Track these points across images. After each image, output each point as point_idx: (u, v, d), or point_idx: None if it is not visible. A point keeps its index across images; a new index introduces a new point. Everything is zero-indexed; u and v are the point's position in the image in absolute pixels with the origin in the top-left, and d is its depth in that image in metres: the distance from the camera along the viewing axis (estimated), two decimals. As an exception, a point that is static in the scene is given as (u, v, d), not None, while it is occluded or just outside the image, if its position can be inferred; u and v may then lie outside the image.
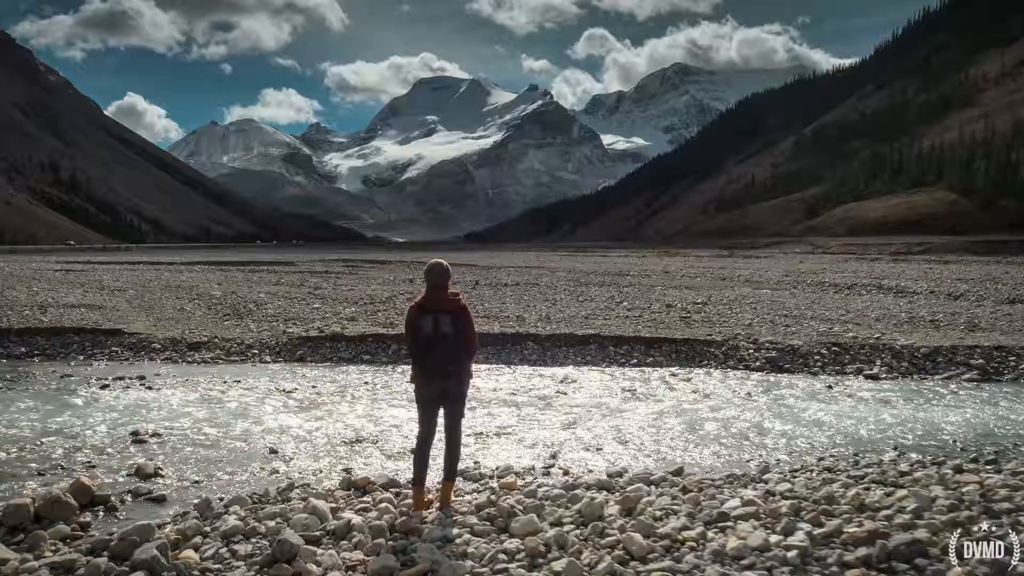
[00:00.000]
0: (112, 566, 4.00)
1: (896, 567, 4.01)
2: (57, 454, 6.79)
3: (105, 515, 5.14)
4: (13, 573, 3.87)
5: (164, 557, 4.03)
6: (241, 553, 4.24)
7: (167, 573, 3.93)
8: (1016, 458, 6.77)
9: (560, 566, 4.01)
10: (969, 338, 13.48)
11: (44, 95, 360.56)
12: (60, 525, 4.67)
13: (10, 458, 6.64)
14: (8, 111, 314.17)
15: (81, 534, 4.67)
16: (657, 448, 7.42)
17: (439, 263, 5.35)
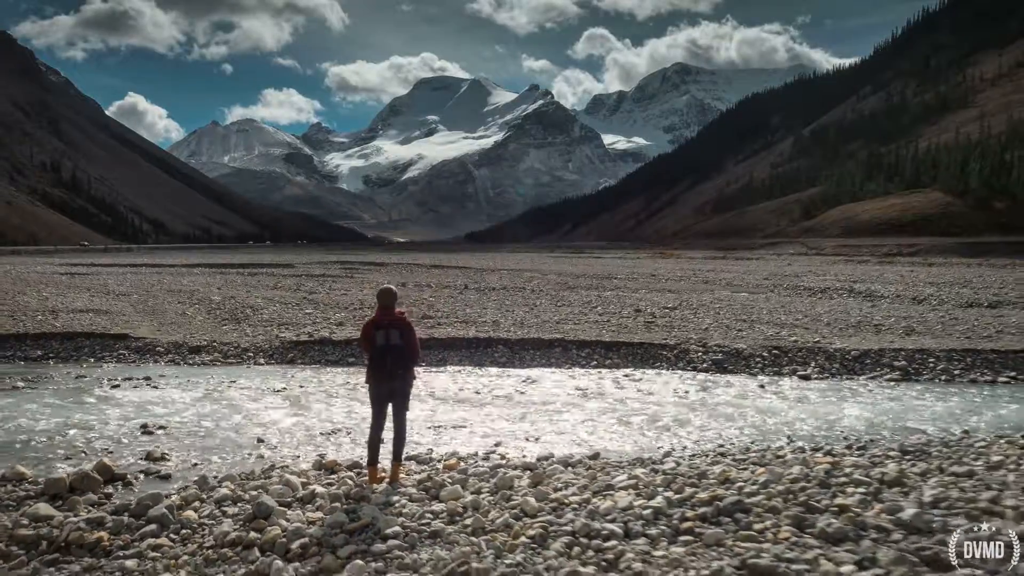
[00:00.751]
0: (132, 520, 5.32)
1: (722, 520, 5.32)
2: (79, 443, 8.10)
3: (123, 488, 6.44)
4: (59, 525, 5.18)
5: (171, 515, 5.34)
6: (229, 513, 5.55)
7: (174, 525, 5.24)
8: (881, 445, 8.06)
9: (470, 520, 5.32)
10: (900, 342, 14.77)
11: (46, 95, 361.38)
12: (89, 494, 5.98)
13: (42, 446, 7.96)
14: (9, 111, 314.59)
15: (105, 501, 5.97)
16: (587, 438, 8.72)
17: (388, 288, 6.63)
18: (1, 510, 5.52)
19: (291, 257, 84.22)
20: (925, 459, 7.38)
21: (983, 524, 5.28)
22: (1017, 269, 48.47)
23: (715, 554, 4.77)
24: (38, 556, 4.80)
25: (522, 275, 43.44)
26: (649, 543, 5.01)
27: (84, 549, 4.90)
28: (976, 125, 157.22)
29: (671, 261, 72.01)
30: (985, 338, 15.32)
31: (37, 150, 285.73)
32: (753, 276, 41.34)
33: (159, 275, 34.60)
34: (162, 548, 4.94)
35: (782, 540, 5.02)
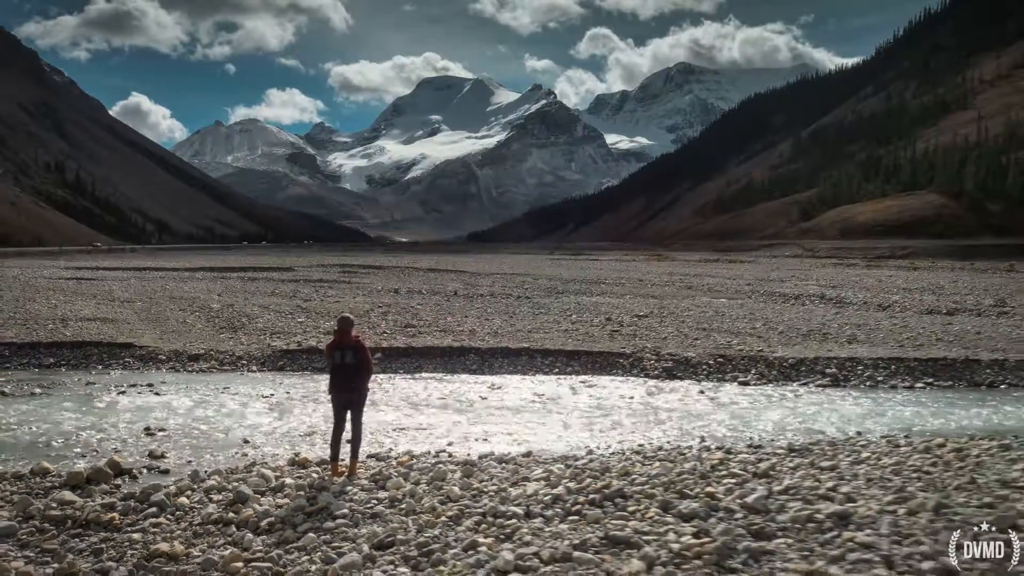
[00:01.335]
0: (137, 504, 6.72)
1: (604, 504, 6.71)
2: (92, 442, 9.52)
3: (130, 480, 7.83)
4: (80, 508, 6.58)
5: (168, 500, 6.74)
6: (215, 499, 6.95)
7: (170, 508, 6.63)
8: (775, 444, 9.44)
9: (407, 504, 6.72)
10: (838, 350, 16.14)
11: (50, 96, 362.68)
12: (103, 484, 7.37)
13: (60, 445, 9.37)
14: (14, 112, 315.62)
15: (116, 490, 7.37)
16: (530, 438, 10.12)
17: (346, 317, 8.04)
18: (34, 497, 6.92)
19: (293, 259, 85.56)
20: (804, 455, 8.77)
21: (820, 505, 6.69)
22: (994, 274, 49.80)
23: (590, 529, 6.15)
24: (65, 531, 6.19)
25: (514, 279, 44.89)
26: (543, 521, 6.39)
27: (100, 526, 6.29)
28: (974, 127, 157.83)
29: (664, 264, 73.35)
30: (918, 346, 16.70)
31: (42, 151, 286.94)
32: (737, 281, 42.66)
33: (162, 281, 36.03)
34: (160, 525, 6.33)
35: (647, 519, 6.40)
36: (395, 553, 5.67)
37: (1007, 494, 7.05)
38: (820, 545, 5.83)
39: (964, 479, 7.65)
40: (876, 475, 7.89)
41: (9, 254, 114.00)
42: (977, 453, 8.88)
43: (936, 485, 7.46)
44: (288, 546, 5.86)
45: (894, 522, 6.22)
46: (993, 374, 14.30)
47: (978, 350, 16.26)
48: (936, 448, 9.15)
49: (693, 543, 5.78)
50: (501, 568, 5.35)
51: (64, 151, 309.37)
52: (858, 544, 5.81)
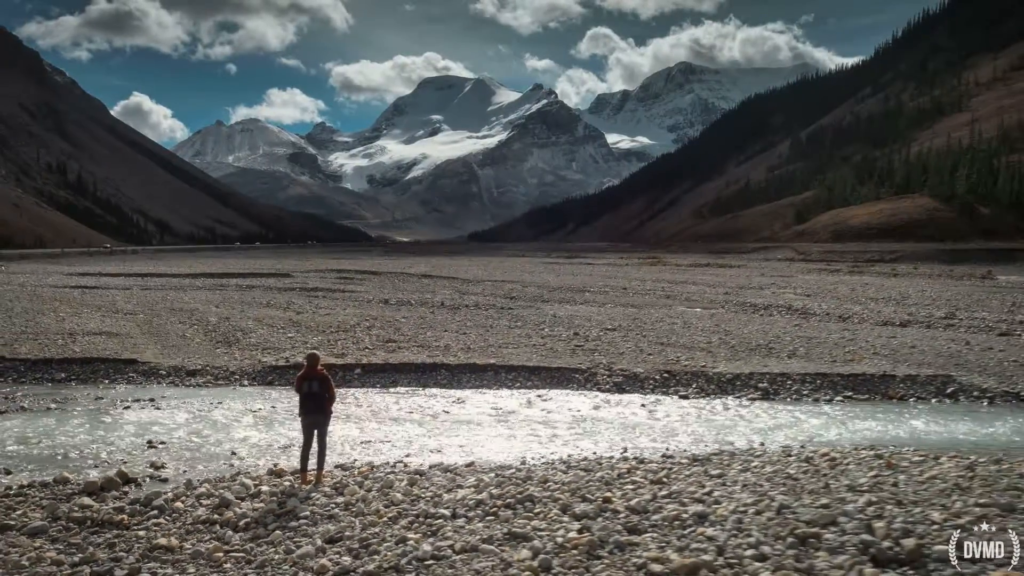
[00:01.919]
0: (142, 508, 8.39)
1: (517, 507, 8.39)
2: (103, 455, 11.20)
3: (135, 488, 9.50)
4: (96, 510, 8.25)
5: (167, 504, 8.42)
6: (204, 504, 8.63)
7: (168, 511, 8.31)
8: (684, 453, 11.09)
9: (358, 507, 8.39)
10: (774, 365, 17.80)
11: (51, 97, 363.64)
12: (113, 491, 9.05)
13: (76, 457, 11.05)
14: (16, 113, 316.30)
15: (124, 496, 9.04)
16: (477, 449, 11.79)
17: (314, 353, 9.72)
18: (59, 502, 8.59)
19: (292, 262, 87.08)
20: (703, 464, 10.44)
21: (691, 507, 8.35)
22: (968, 281, 51.43)
23: (499, 527, 7.82)
24: (85, 529, 7.86)
25: (503, 287, 46.57)
26: (465, 521, 8.07)
27: (112, 525, 7.97)
28: (968, 130, 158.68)
29: (655, 270, 75.00)
30: (848, 361, 18.36)
31: (43, 151, 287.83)
32: (718, 290, 44.30)
33: (163, 292, 37.70)
34: (160, 524, 8.00)
35: (547, 518, 8.08)
36: (341, 546, 7.36)
37: (845, 496, 8.75)
38: (677, 538, 7.50)
39: (819, 484, 9.33)
40: (752, 481, 9.56)
41: (12, 256, 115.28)
42: (848, 462, 10.55)
43: (794, 490, 9.13)
44: (259, 541, 7.54)
45: (739, 520, 7.90)
46: (905, 388, 15.96)
47: (901, 365, 17.90)
48: (817, 458, 10.82)
49: (574, 537, 7.46)
50: (421, 557, 7.03)
51: (66, 151, 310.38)
52: (704, 537, 7.49)
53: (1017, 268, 71.29)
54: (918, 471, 9.95)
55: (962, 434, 13.02)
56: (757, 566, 6.84)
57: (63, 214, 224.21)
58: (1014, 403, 15.14)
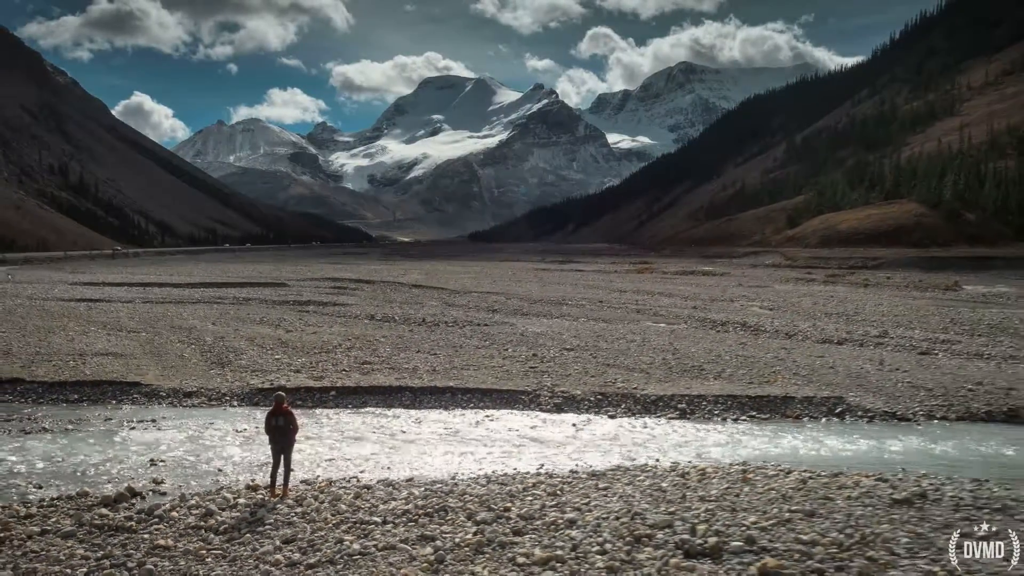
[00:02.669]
0: (146, 516, 10.97)
1: (434, 515, 10.97)
2: (114, 471, 13.77)
3: (141, 500, 12.07)
4: (111, 519, 10.83)
5: (165, 514, 11.01)
6: (194, 513, 11.21)
7: (166, 519, 10.89)
8: (587, 469, 13.64)
9: (311, 516, 10.97)
10: (696, 386, 20.36)
11: (53, 98, 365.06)
12: (123, 503, 11.63)
13: (92, 473, 13.63)
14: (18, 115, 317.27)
15: (132, 507, 11.62)
16: (420, 466, 14.35)
17: (280, 395, 12.28)
18: (83, 511, 11.17)
19: (290, 267, 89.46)
20: (598, 479, 13.00)
21: (570, 515, 10.92)
22: (932, 293, 53.94)
23: (416, 530, 10.40)
24: (103, 533, 10.44)
25: (487, 299, 49.12)
26: (392, 526, 10.65)
27: (124, 530, 10.54)
28: (957, 135, 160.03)
29: (641, 278, 77.53)
30: (765, 382, 20.92)
31: (45, 153, 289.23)
32: (689, 302, 46.78)
33: (163, 306, 40.26)
34: (160, 529, 10.58)
35: (455, 524, 10.66)
36: (294, 545, 9.95)
37: (692, 504, 11.33)
38: (547, 538, 10.09)
39: (679, 495, 11.91)
40: (628, 493, 12.14)
41: (16, 260, 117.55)
42: (716, 476, 13.12)
43: (657, 499, 11.72)
44: (233, 541, 10.13)
45: (598, 524, 10.49)
46: (802, 408, 18.54)
47: (809, 386, 20.47)
48: (693, 472, 13.39)
49: (468, 538, 10.05)
50: (350, 553, 9.61)
51: (67, 153, 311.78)
52: (568, 537, 10.08)
53: (989, 276, 73.75)
54: (763, 484, 12.52)
55: (829, 451, 15.60)
56: (596, 558, 9.44)
57: (65, 216, 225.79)
58: (891, 422, 17.72)
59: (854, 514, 10.99)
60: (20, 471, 13.65)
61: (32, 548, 9.75)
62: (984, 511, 11.08)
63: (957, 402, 18.69)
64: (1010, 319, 35.48)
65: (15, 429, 16.47)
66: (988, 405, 18.35)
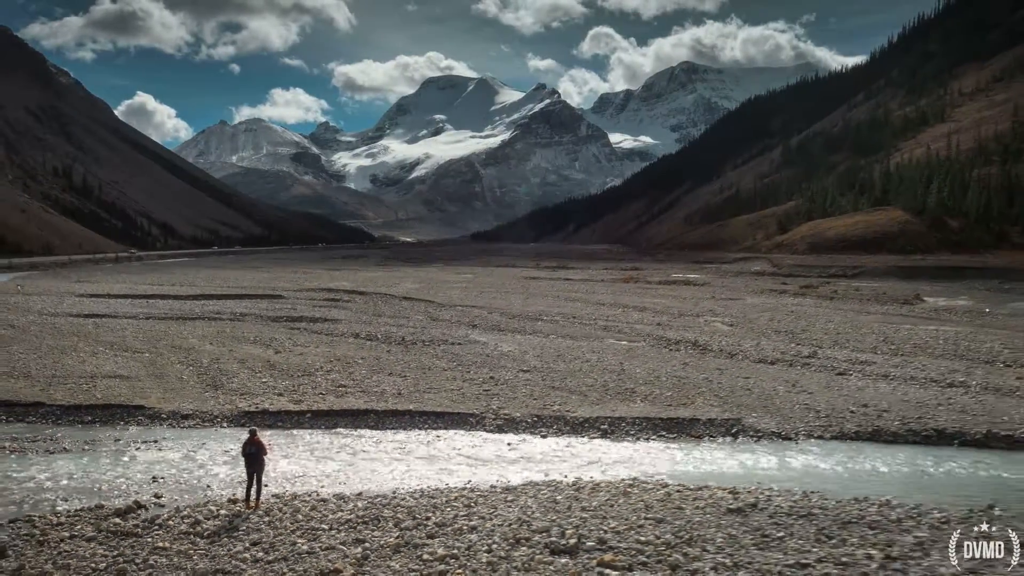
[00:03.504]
0: (149, 524, 14.36)
1: (370, 522, 14.37)
2: (123, 487, 17.15)
3: (144, 511, 15.45)
4: (123, 526, 14.20)
5: (163, 523, 14.40)
6: (185, 522, 14.58)
7: (164, 526, 14.27)
8: (501, 486, 16.98)
9: (275, 524, 14.36)
10: (621, 409, 23.70)
11: (56, 99, 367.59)
12: (131, 514, 15.01)
13: (106, 489, 17.01)
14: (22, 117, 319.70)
15: (138, 517, 15.00)
16: (372, 481, 17.71)
17: (254, 430, 15.64)
18: (101, 520, 14.54)
19: (289, 277, 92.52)
20: (511, 493, 16.34)
21: (462, 523, 14.30)
22: (893, 307, 57.18)
23: (354, 534, 13.78)
24: (117, 537, 13.82)
25: (470, 313, 52.47)
26: (336, 531, 14.02)
27: (132, 535, 13.92)
28: (945, 141, 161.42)
29: (624, 288, 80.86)
30: (681, 405, 24.28)
31: (49, 155, 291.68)
32: (658, 317, 50.07)
33: (165, 324, 43.64)
34: (159, 535, 13.95)
35: (386, 530, 14.03)
36: (259, 547, 13.32)
37: (572, 514, 14.69)
38: (452, 541, 13.45)
39: (566, 506, 15.28)
40: (529, 504, 15.49)
41: (22, 266, 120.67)
42: (604, 489, 16.46)
43: (548, 509, 15.08)
44: (214, 543, 13.51)
45: (492, 529, 13.86)
46: (704, 429, 21.90)
47: (718, 408, 23.83)
48: (587, 486, 16.75)
49: (391, 540, 13.44)
50: (300, 552, 13.00)
51: (71, 155, 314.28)
52: (467, 540, 13.46)
53: (957, 287, 76.92)
54: (637, 497, 15.89)
55: (711, 466, 18.96)
56: (483, 555, 12.84)
57: (69, 219, 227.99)
58: (776, 441, 21.07)
59: (693, 520, 14.37)
60: (49, 487, 17.02)
61: (65, 548, 13.14)
62: (792, 517, 14.47)
63: (835, 423, 22.05)
64: (939, 338, 38.77)
65: (41, 449, 19.83)
66: (858, 426, 21.69)
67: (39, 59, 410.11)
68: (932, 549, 13.01)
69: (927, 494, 16.54)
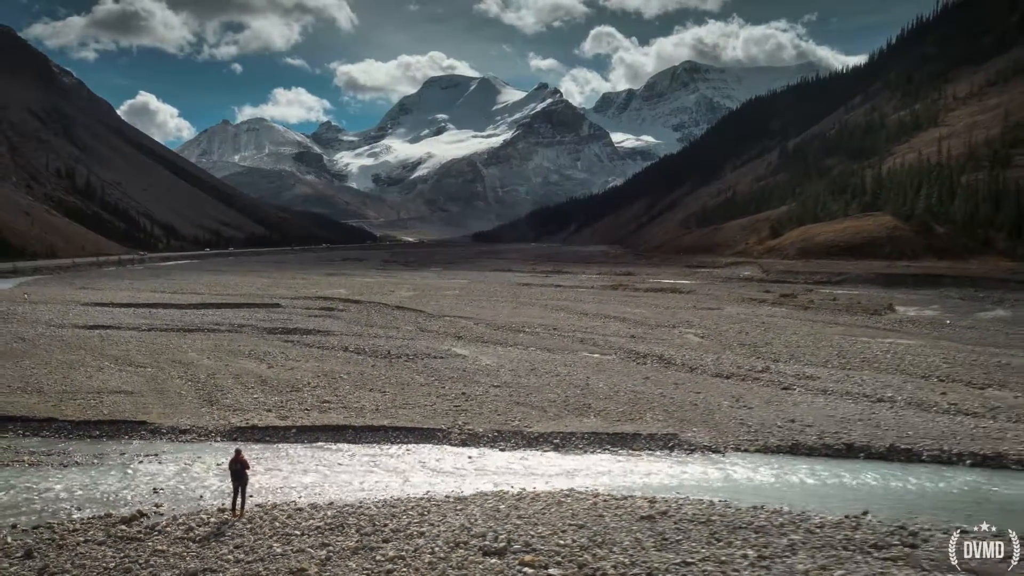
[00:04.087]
0: (150, 531, 17.10)
1: (336, 529, 17.11)
2: (128, 497, 19.88)
3: (146, 519, 18.17)
4: (128, 532, 16.93)
5: (162, 529, 17.14)
6: (180, 528, 17.31)
7: (164, 532, 17.00)
8: (455, 493, 19.69)
9: (255, 530, 17.09)
10: (573, 424, 26.40)
11: (59, 100, 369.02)
12: (135, 521, 17.74)
13: (113, 499, 19.75)
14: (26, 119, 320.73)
15: (141, 524, 17.72)
16: (341, 492, 20.43)
17: (238, 449, 18.37)
18: (110, 527, 17.27)
19: (287, 283, 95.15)
20: (462, 502, 19.03)
21: (415, 528, 17.02)
22: (859, 317, 59.80)
23: (320, 539, 16.50)
24: (123, 541, 16.56)
25: (457, 324, 55.19)
26: (307, 536, 16.75)
27: (136, 540, 16.64)
28: (936, 146, 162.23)
29: (611, 296, 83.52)
30: (630, 421, 26.97)
31: (52, 156, 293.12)
32: (634, 329, 52.72)
33: (167, 336, 46.37)
34: (159, 539, 16.68)
35: (347, 535, 16.74)
36: (240, 549, 16.05)
37: (508, 520, 17.37)
38: (403, 544, 16.18)
39: (506, 514, 17.95)
40: (475, 512, 18.18)
41: (26, 270, 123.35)
42: (542, 499, 19.14)
43: (490, 516, 17.77)
44: (203, 546, 16.23)
45: (438, 534, 16.57)
46: (644, 444, 24.61)
47: (662, 423, 26.54)
48: (528, 496, 19.44)
49: (351, 544, 16.17)
50: (273, 553, 15.73)
51: (74, 156, 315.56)
52: (415, 543, 16.18)
53: (931, 296, 79.39)
54: (568, 505, 18.59)
55: (643, 478, 21.66)
56: (426, 556, 15.56)
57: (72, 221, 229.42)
58: (706, 454, 23.78)
59: (609, 526, 17.08)
60: (64, 497, 19.77)
61: (80, 551, 15.87)
62: (693, 523, 17.19)
63: (761, 437, 24.76)
64: (889, 352, 41.45)
65: (56, 462, 22.58)
66: (780, 440, 24.41)
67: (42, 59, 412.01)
68: (800, 550, 15.70)
69: (817, 502, 19.25)
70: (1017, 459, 22.33)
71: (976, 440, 23.90)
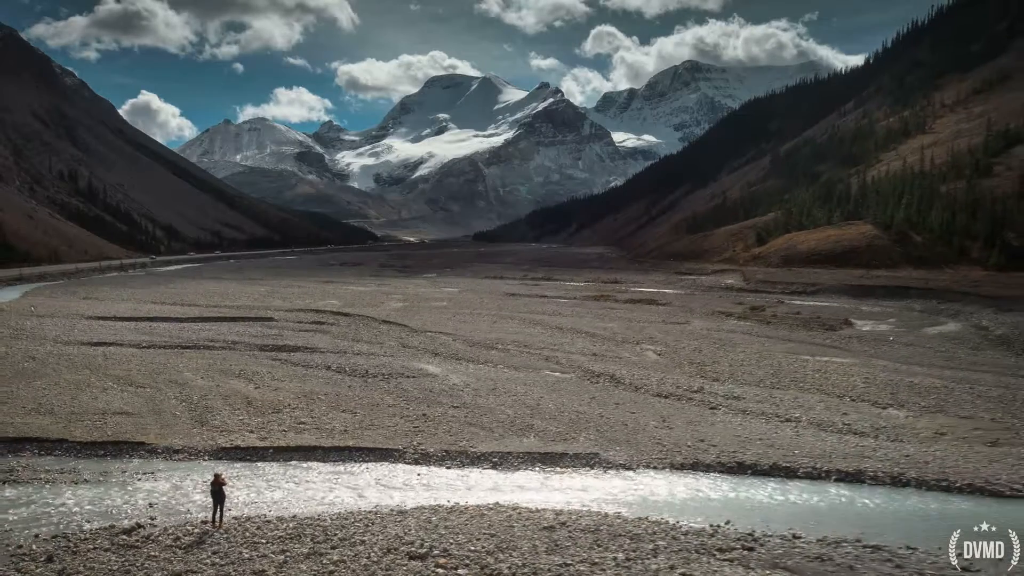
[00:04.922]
0: (145, 539, 21.33)
1: (295, 539, 21.36)
2: (128, 511, 24.08)
3: (144, 530, 22.35)
4: (130, 540, 21.14)
5: (157, 539, 21.37)
6: (170, 537, 21.52)
7: (159, 542, 21.21)
8: (401, 507, 23.90)
9: (231, 539, 21.31)
10: (512, 444, 30.56)
11: (62, 102, 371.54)
12: (135, 532, 21.94)
13: (116, 513, 23.96)
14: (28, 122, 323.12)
15: (140, 534, 21.93)
16: (304, 507, 24.63)
17: (217, 473, 22.60)
18: (113, 536, 21.48)
19: (282, 293, 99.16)
20: (403, 515, 23.23)
21: (365, 536, 21.24)
22: (815, 332, 63.87)
23: (281, 546, 20.72)
24: (124, 549, 20.77)
25: (437, 339, 59.35)
26: (269, 544, 20.97)
27: (134, 548, 20.78)
28: (920, 155, 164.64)
29: (590, 307, 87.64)
30: (563, 440, 31.14)
31: (55, 159, 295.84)
32: (601, 345, 56.81)
33: (165, 355, 50.56)
34: (152, 547, 20.87)
35: (302, 543, 20.98)
36: (217, 555, 20.27)
37: (436, 530, 21.59)
38: (346, 550, 20.40)
39: (436, 524, 22.13)
40: (411, 524, 22.35)
41: (31, 277, 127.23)
42: (472, 513, 23.31)
43: (422, 527, 21.97)
44: (189, 552, 20.42)
45: (376, 541, 20.79)
46: (569, 462, 28.77)
47: (593, 441, 30.69)
48: (456, 509, 23.62)
49: (304, 550, 20.40)
50: (243, 558, 19.96)
51: (76, 158, 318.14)
52: (356, 550, 20.42)
53: (896, 307, 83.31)
54: (488, 517, 22.76)
55: (558, 494, 25.80)
56: (363, 559, 19.78)
57: (75, 224, 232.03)
58: (620, 471, 27.94)
59: (515, 534, 21.25)
60: (76, 511, 23.98)
61: (90, 556, 20.06)
62: (585, 532, 21.34)
63: (670, 456, 28.93)
64: (822, 371, 45.56)
65: (68, 479, 26.78)
66: (684, 459, 28.58)
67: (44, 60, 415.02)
68: (661, 553, 19.87)
69: (695, 513, 23.42)
70: (872, 475, 26.48)
71: (847, 459, 28.05)
